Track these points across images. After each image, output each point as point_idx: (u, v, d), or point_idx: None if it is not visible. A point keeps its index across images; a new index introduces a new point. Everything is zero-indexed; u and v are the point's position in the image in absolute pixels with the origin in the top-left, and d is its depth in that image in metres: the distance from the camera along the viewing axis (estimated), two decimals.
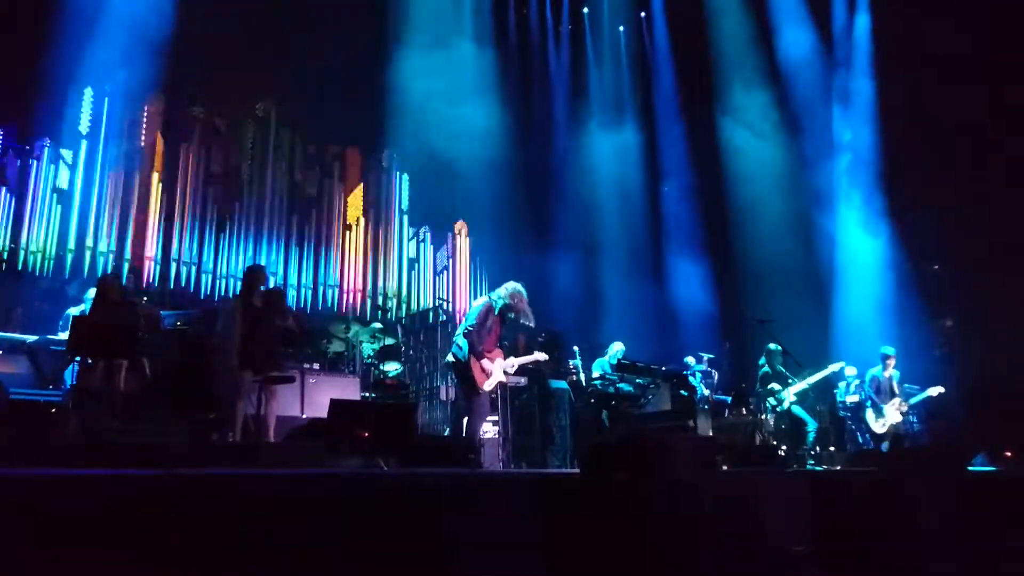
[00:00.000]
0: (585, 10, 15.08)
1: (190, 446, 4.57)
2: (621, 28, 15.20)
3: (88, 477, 2.86)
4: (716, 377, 11.48)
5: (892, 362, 9.69)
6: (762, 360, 9.13)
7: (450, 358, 6.75)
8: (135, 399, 6.07)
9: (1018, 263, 10.57)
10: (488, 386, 6.60)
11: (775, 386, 9.06)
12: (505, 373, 6.82)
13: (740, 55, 13.75)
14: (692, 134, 14.69)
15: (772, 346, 9.06)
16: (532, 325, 7.08)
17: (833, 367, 9.50)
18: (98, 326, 6.07)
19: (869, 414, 9.51)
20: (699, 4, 13.83)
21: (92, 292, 8.01)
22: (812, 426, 9.01)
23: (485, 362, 6.56)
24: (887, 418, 9.43)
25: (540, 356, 7.28)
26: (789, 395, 8.96)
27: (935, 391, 9.83)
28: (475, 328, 6.55)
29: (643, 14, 15.15)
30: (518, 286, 6.88)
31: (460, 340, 6.60)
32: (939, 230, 11.47)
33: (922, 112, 11.32)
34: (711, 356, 11.63)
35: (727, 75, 13.96)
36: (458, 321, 10.95)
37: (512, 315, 6.77)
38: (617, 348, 9.19)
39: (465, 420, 6.75)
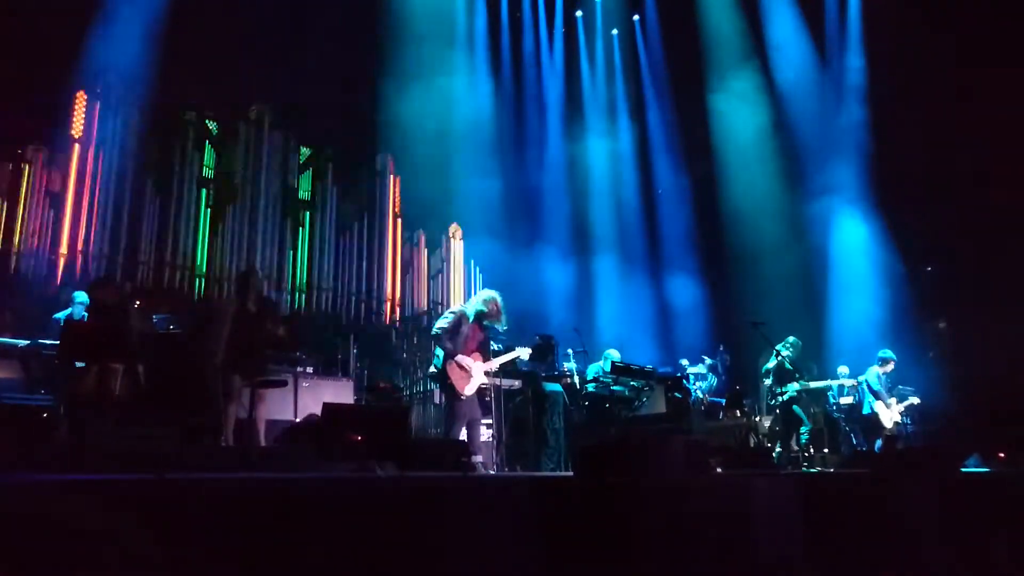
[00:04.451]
0: (578, 14, 15.11)
1: (181, 450, 4.54)
2: (615, 31, 15.24)
3: (78, 482, 2.85)
4: (716, 381, 11.51)
5: (891, 366, 9.75)
6: (774, 352, 9.03)
7: (432, 369, 6.90)
8: (127, 404, 6.04)
9: (1012, 264, 10.61)
10: (469, 390, 6.60)
11: (779, 377, 9.07)
12: (487, 375, 6.88)
13: (733, 57, 13.80)
14: (686, 136, 14.74)
15: (792, 339, 9.14)
16: (503, 329, 7.17)
17: (843, 380, 9.62)
18: (87, 330, 6.04)
19: (880, 407, 9.53)
20: (691, 6, 13.87)
21: (81, 296, 8.00)
22: (807, 427, 9.04)
23: (460, 358, 6.60)
24: (892, 413, 9.53)
25: (522, 352, 7.36)
26: (793, 388, 8.97)
27: (915, 400, 9.91)
28: (444, 331, 6.68)
29: (636, 17, 15.19)
30: (493, 293, 7.05)
31: (436, 348, 6.76)
32: (933, 232, 11.51)
33: (917, 111, 11.35)
34: (712, 361, 11.68)
35: (720, 78, 14.01)
36: None
37: (487, 322, 6.90)
38: (613, 354, 9.20)
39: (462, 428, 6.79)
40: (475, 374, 6.69)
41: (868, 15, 13.05)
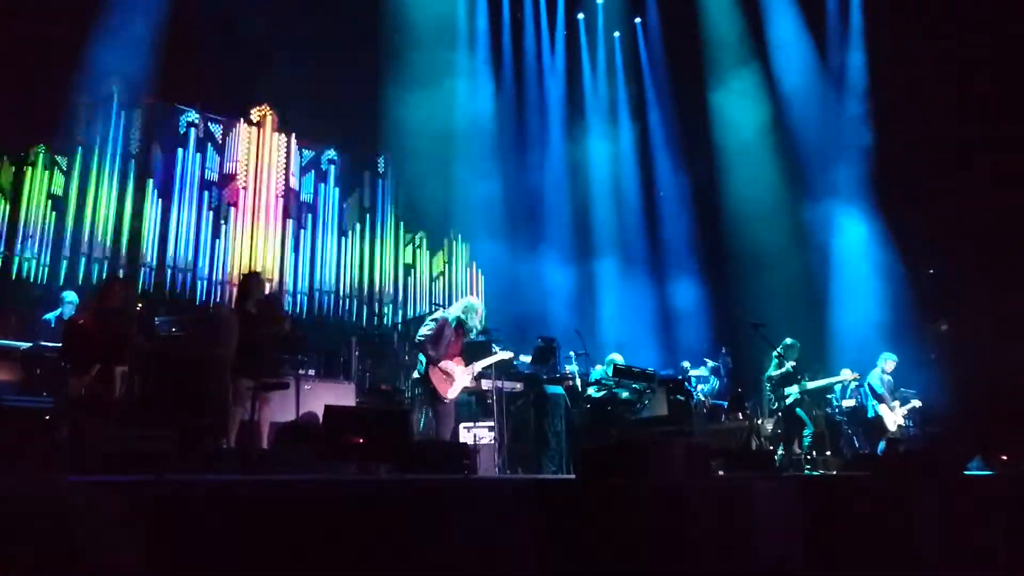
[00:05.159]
0: (580, 16, 15.12)
1: (182, 452, 4.54)
2: (616, 34, 15.25)
3: (78, 484, 2.85)
4: (718, 383, 11.49)
5: (891, 365, 9.72)
6: (774, 354, 9.04)
7: (415, 375, 7.20)
8: (130, 405, 6.05)
9: (1014, 265, 10.59)
10: (451, 393, 6.94)
11: (782, 380, 9.02)
12: (474, 379, 7.21)
13: (734, 58, 13.80)
14: (687, 138, 14.73)
15: (790, 340, 9.12)
16: (472, 336, 7.47)
17: (846, 374, 9.56)
18: (90, 332, 6.05)
19: (884, 410, 9.49)
20: (693, 8, 13.87)
21: (70, 296, 8.02)
22: (809, 430, 9.00)
23: (444, 363, 6.92)
24: (896, 416, 9.50)
25: (503, 355, 7.53)
26: (795, 391, 8.93)
27: (916, 403, 9.89)
28: (427, 338, 6.97)
29: (638, 20, 15.19)
30: (473, 300, 7.49)
31: (420, 356, 7.01)
32: (934, 233, 11.49)
33: (917, 115, 11.34)
34: (715, 364, 11.66)
35: (722, 80, 14.01)
36: None
37: (467, 327, 7.20)
38: (617, 359, 9.17)
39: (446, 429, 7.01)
40: (458, 378, 7.00)
41: (869, 14, 13.03)
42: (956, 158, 10.94)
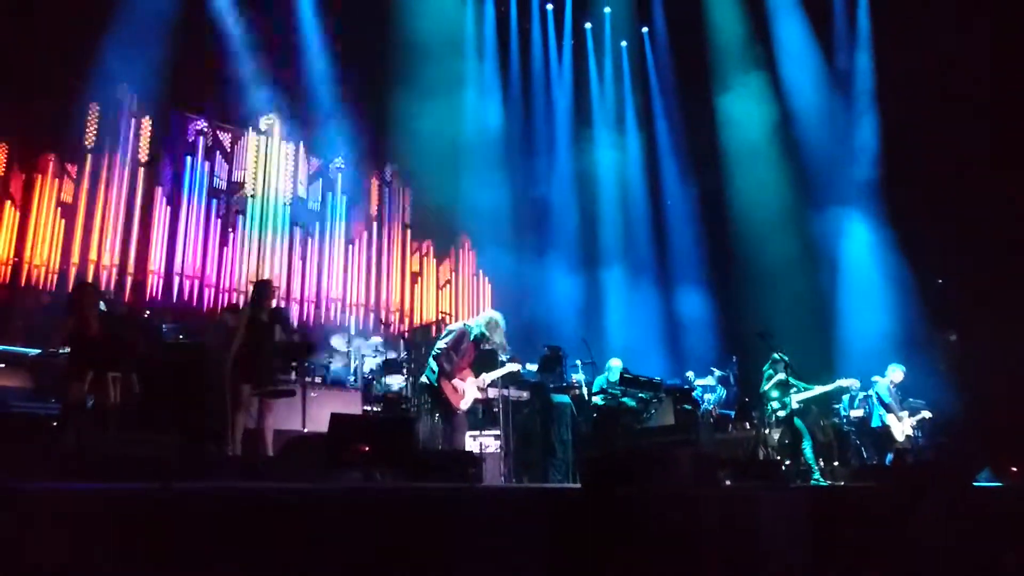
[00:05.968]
0: (587, 26, 15.16)
1: (187, 459, 4.54)
2: (624, 43, 15.28)
3: (84, 491, 2.85)
4: (725, 393, 11.43)
5: (900, 376, 9.64)
6: (768, 364, 9.00)
7: (424, 380, 7.08)
8: (128, 412, 6.05)
9: (1022, 275, 10.53)
10: (464, 405, 6.91)
11: (775, 392, 8.95)
12: (480, 390, 7.13)
13: (741, 67, 13.79)
14: (694, 147, 14.73)
15: (777, 356, 9.04)
16: (506, 356, 7.38)
17: (843, 382, 9.46)
18: (97, 339, 6.05)
19: (892, 420, 9.40)
20: (699, 16, 13.87)
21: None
22: (807, 442, 8.87)
23: (456, 382, 6.87)
24: (904, 427, 9.41)
25: (512, 367, 7.47)
26: (793, 402, 8.83)
27: (926, 414, 9.79)
28: (445, 351, 6.86)
29: (645, 29, 15.22)
30: (497, 316, 7.19)
31: (432, 363, 6.91)
32: (944, 241, 11.43)
33: (926, 120, 11.30)
34: (723, 373, 11.61)
35: (729, 88, 14.00)
36: None
37: (486, 344, 7.08)
38: (615, 364, 9.13)
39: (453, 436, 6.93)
40: (468, 390, 6.96)
41: (876, 17, 13.01)
42: (966, 165, 10.88)
